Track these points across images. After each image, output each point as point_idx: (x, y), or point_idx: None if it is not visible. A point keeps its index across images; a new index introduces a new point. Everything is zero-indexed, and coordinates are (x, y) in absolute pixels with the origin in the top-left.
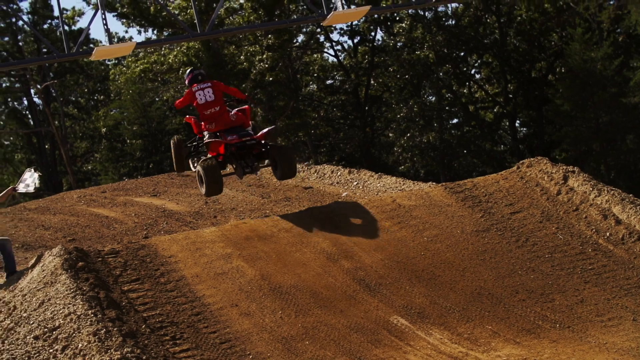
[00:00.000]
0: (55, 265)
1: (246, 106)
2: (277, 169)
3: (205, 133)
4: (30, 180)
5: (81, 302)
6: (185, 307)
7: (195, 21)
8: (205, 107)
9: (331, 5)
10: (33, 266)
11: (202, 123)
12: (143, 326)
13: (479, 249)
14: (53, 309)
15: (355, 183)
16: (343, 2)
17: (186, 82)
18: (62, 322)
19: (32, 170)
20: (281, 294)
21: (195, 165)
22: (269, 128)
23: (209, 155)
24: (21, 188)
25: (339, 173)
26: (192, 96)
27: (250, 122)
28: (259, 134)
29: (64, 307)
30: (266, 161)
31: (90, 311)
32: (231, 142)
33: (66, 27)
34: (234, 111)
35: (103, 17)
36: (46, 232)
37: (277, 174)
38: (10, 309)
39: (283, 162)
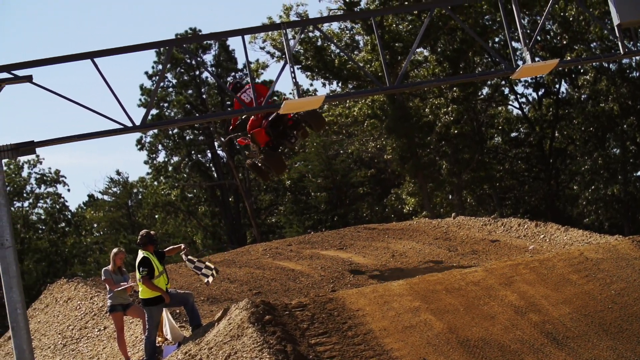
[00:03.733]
0: (242, 318)
1: None
2: (312, 126)
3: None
4: (204, 271)
5: (268, 356)
6: None
7: (380, 74)
8: (251, 104)
9: (516, 57)
10: (219, 319)
11: (251, 120)
12: None
13: None
14: None
15: (542, 236)
16: (532, 55)
17: (230, 90)
18: None
19: (214, 269)
20: (469, 347)
21: (259, 163)
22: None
23: (261, 148)
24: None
25: (525, 226)
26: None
27: None
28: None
29: None
30: (302, 126)
31: None
32: (264, 126)
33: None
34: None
35: (292, 70)
36: (232, 286)
37: (314, 129)
38: None
39: (311, 120)
